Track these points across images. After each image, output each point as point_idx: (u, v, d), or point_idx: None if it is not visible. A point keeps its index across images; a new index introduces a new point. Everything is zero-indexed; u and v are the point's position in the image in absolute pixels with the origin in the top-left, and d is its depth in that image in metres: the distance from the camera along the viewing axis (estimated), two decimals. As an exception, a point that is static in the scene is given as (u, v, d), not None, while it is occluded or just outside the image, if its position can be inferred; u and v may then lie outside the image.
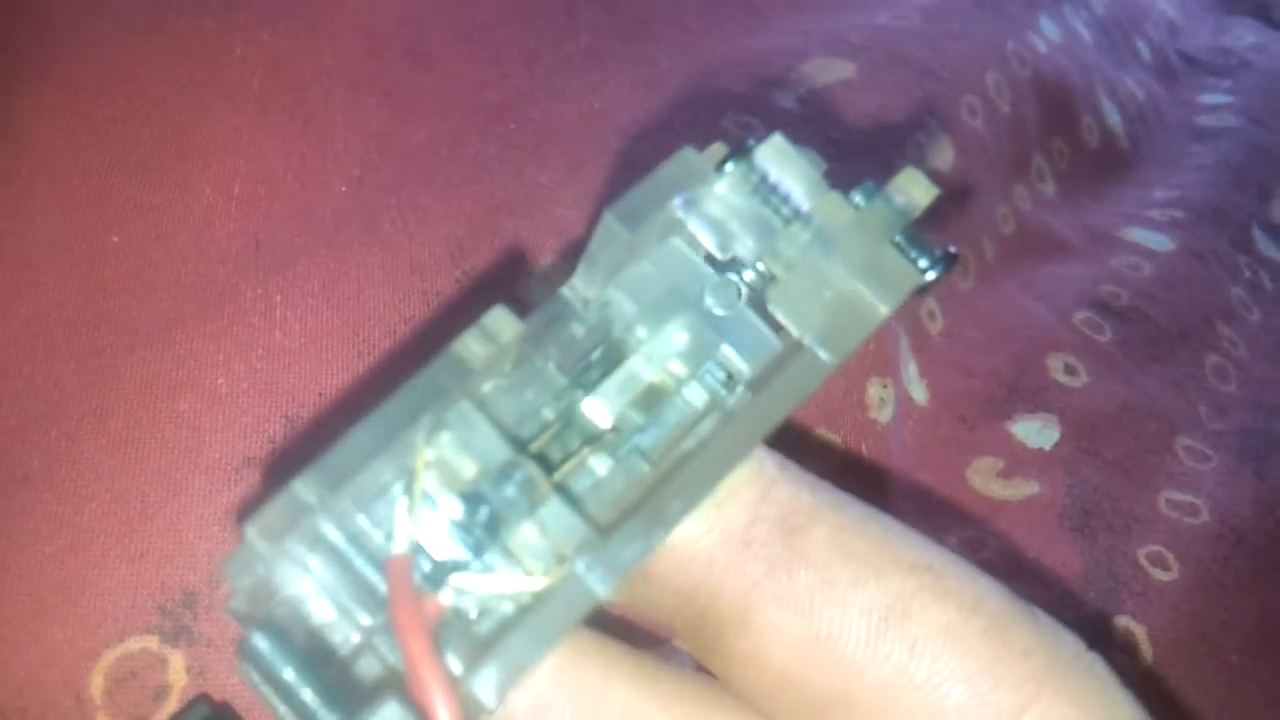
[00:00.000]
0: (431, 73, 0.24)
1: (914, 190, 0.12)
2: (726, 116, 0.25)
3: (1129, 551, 0.25)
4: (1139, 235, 0.34)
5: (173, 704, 0.17)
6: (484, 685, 0.10)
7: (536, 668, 0.11)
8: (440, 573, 0.11)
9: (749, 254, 0.12)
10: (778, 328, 0.12)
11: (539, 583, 0.11)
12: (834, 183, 0.12)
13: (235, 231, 0.21)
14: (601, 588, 0.11)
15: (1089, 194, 0.35)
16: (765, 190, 0.12)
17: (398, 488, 0.11)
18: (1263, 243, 0.37)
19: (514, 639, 0.11)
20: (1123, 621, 0.24)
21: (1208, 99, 0.44)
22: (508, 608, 0.11)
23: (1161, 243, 0.34)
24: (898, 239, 0.12)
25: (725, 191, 0.12)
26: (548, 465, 0.12)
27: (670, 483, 0.12)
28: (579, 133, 0.23)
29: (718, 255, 0.12)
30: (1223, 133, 0.42)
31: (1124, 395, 0.29)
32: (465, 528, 0.11)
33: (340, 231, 0.21)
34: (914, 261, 0.12)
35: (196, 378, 0.19)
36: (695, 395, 0.12)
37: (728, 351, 0.12)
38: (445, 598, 0.11)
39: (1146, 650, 0.24)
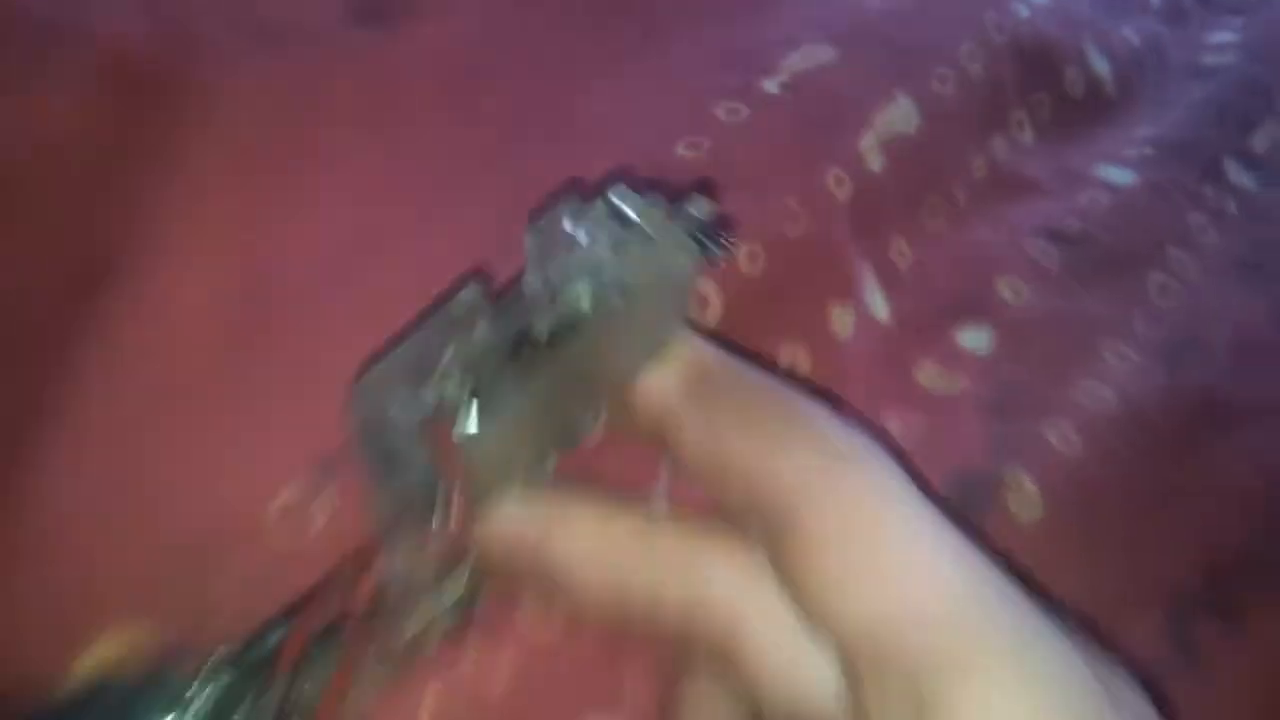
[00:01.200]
0: (495, 93, 0.32)
1: (703, 206, 0.20)
2: (719, 104, 0.33)
3: (1035, 427, 0.32)
4: (1106, 172, 0.40)
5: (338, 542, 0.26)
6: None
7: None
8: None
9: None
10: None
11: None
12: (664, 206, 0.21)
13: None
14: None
15: (1070, 139, 0.41)
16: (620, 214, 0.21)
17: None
18: (1233, 172, 0.42)
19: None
20: (1016, 472, 0.31)
21: (1215, 38, 0.48)
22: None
23: (1126, 177, 0.40)
24: (696, 234, 0.20)
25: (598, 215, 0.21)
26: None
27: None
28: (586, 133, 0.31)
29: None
30: (1219, 70, 0.46)
31: (1059, 308, 0.35)
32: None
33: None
34: (701, 245, 0.20)
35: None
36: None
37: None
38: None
39: (1037, 505, 0.31)
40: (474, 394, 0.20)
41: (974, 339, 0.34)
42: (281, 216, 0.30)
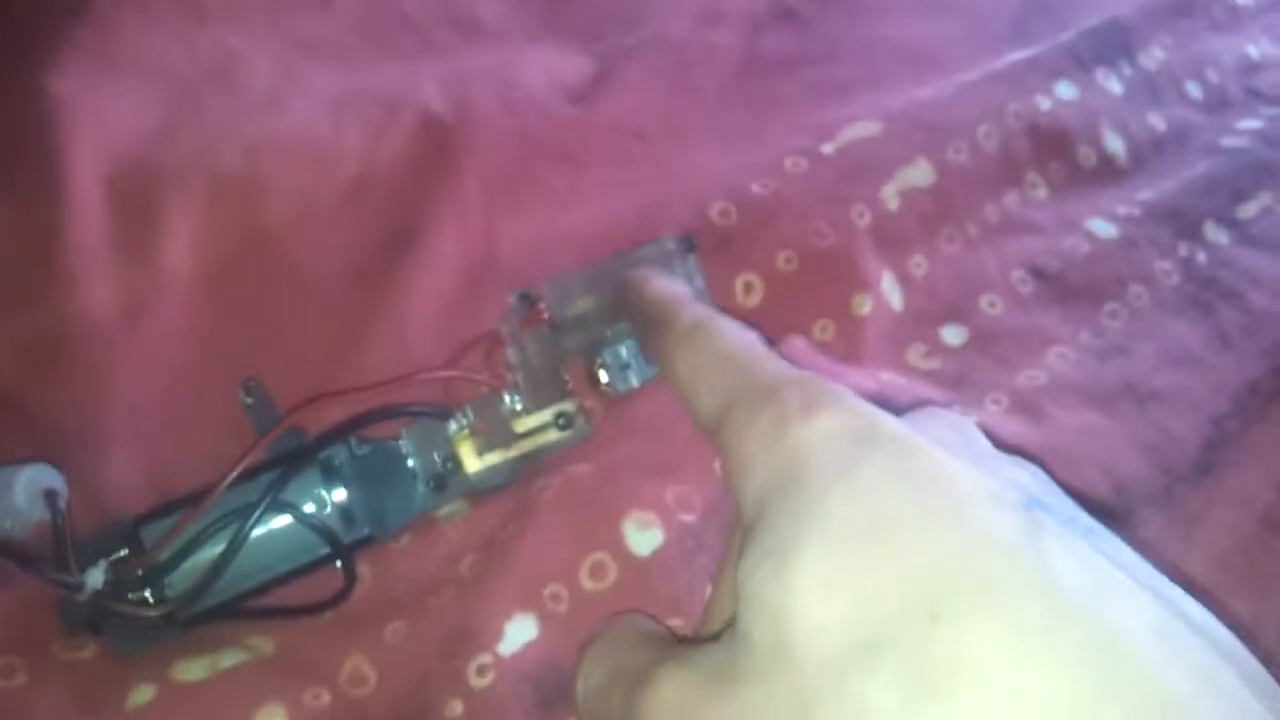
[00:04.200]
0: (645, 141, 0.51)
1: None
2: (788, 159, 0.50)
3: (979, 397, 0.47)
4: (1093, 224, 0.53)
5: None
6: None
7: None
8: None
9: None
10: None
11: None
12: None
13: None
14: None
15: (1079, 196, 0.55)
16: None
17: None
18: (1211, 232, 0.54)
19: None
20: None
21: (1244, 124, 0.60)
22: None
23: (1109, 230, 0.53)
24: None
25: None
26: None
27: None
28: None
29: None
30: (1232, 150, 0.58)
31: (1022, 322, 0.50)
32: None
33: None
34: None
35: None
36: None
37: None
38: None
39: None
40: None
41: (953, 335, 0.49)
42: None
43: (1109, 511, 0.43)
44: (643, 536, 0.40)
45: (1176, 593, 0.22)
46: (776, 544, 0.22)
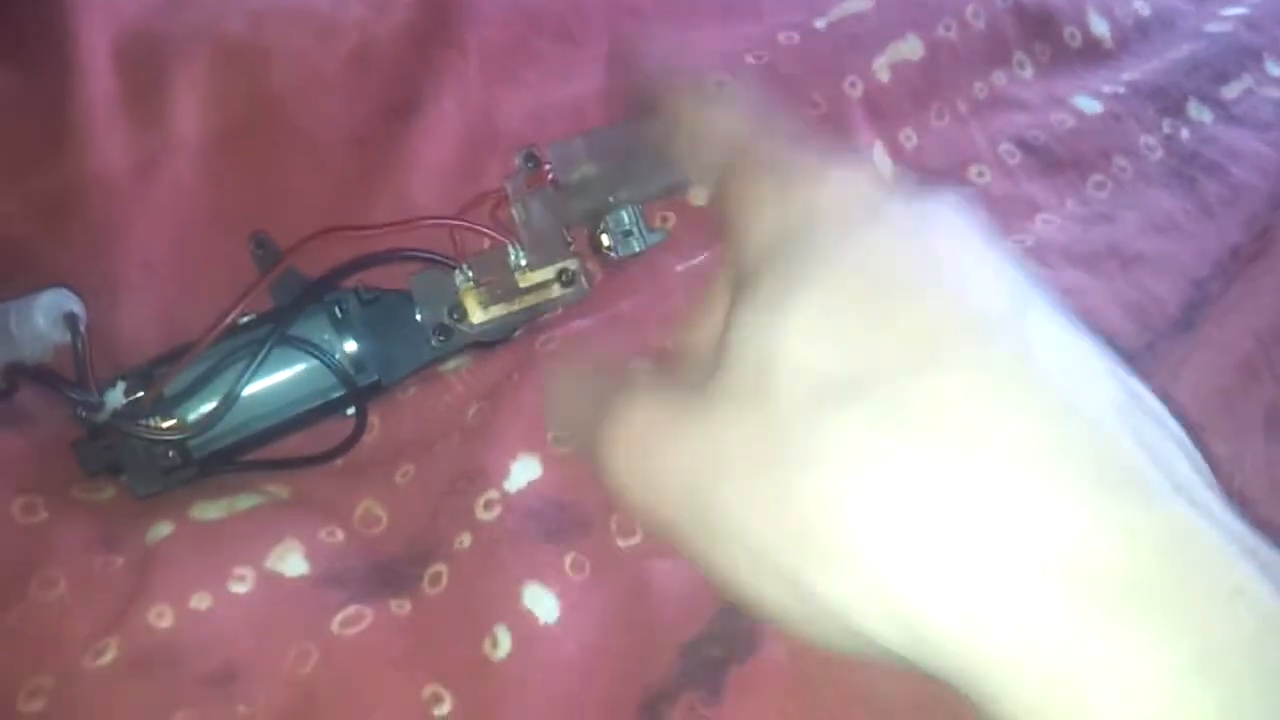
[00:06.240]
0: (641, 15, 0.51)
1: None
2: (781, 32, 0.51)
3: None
4: (1079, 100, 0.55)
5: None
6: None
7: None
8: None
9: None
10: None
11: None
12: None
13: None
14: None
15: (1066, 75, 0.56)
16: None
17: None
18: (1195, 110, 0.56)
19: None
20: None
21: (1228, 10, 0.61)
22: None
23: (1093, 106, 0.54)
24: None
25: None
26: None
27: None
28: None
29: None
30: (1215, 35, 0.59)
31: (1009, 190, 0.51)
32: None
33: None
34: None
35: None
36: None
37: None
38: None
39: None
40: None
41: (943, 199, 0.51)
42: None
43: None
44: (642, 383, 0.41)
45: (1141, 388, 0.23)
46: (777, 289, 0.23)
